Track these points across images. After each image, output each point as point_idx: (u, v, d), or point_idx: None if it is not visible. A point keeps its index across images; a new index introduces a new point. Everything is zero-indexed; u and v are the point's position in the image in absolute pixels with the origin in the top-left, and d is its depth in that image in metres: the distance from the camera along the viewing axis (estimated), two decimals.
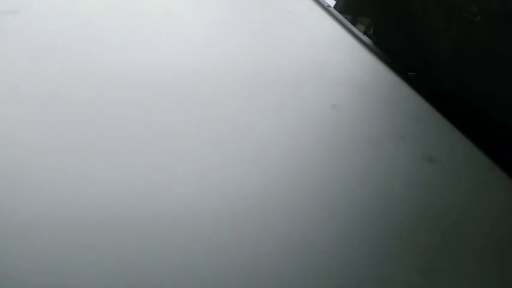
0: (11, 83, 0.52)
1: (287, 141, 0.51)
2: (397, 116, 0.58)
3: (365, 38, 0.69)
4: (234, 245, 0.41)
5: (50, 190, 0.42)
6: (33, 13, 0.63)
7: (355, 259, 0.41)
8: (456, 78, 0.62)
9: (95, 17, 0.65)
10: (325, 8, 0.74)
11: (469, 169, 0.52)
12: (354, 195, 0.47)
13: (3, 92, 0.51)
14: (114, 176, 0.45)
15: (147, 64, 0.58)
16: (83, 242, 0.39)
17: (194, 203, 0.43)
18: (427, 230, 0.45)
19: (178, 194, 0.44)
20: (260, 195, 0.45)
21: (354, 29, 0.70)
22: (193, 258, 0.39)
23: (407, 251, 0.43)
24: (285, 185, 0.47)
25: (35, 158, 0.45)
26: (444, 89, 0.62)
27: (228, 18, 0.70)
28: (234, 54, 0.62)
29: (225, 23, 0.68)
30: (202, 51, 0.62)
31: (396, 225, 0.45)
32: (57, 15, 0.64)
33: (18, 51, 0.57)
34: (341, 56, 0.66)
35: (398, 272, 0.41)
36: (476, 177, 0.51)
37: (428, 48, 0.65)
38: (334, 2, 0.82)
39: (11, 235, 0.39)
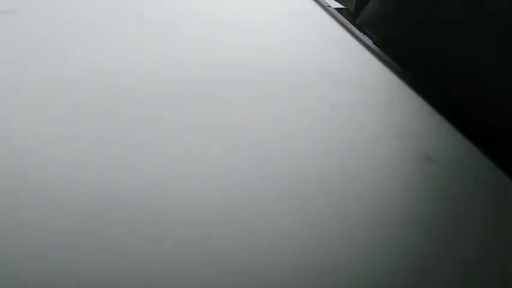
0: (11, 84, 0.52)
1: (286, 141, 0.51)
2: (397, 116, 0.58)
3: (365, 38, 0.69)
4: (234, 245, 0.41)
5: (50, 190, 0.43)
6: (33, 13, 0.63)
7: (352, 258, 0.41)
8: (456, 78, 0.62)
9: (97, 16, 0.65)
10: (325, 8, 0.74)
11: (468, 169, 0.52)
12: (352, 194, 0.47)
13: (3, 92, 0.51)
14: (116, 180, 0.45)
15: (150, 64, 0.58)
16: (83, 244, 0.39)
17: (192, 203, 0.43)
18: (425, 230, 0.45)
19: (179, 194, 0.44)
20: (257, 195, 0.45)
21: (353, 28, 0.70)
22: (192, 259, 0.39)
23: (406, 251, 0.43)
24: (283, 185, 0.47)
25: (35, 159, 0.45)
26: (444, 90, 0.62)
27: (226, 18, 0.70)
28: (232, 54, 0.62)
29: (223, 23, 0.68)
30: (200, 51, 0.62)
31: (395, 225, 0.45)
32: (58, 15, 0.64)
33: (17, 52, 0.57)
34: (341, 56, 0.66)
35: (397, 270, 0.41)
36: (475, 177, 0.51)
37: (430, 47, 0.65)
38: (335, 2, 0.81)
39: (11, 235, 0.39)
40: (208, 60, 0.60)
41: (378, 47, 0.67)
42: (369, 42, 0.68)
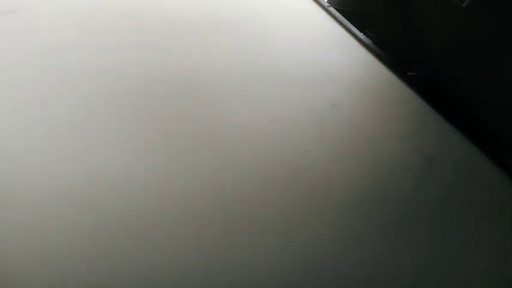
0: (10, 83, 0.52)
1: (287, 142, 0.51)
2: (397, 116, 0.58)
3: (364, 37, 0.70)
4: (232, 246, 0.41)
5: (50, 189, 0.43)
6: (31, 13, 0.63)
7: (354, 258, 0.42)
8: (455, 78, 0.62)
9: (96, 17, 0.65)
10: (325, 7, 0.74)
11: (468, 169, 0.52)
12: (353, 194, 0.47)
13: (3, 92, 0.51)
14: (114, 179, 0.45)
15: (149, 65, 0.58)
16: (79, 241, 0.39)
17: (188, 203, 0.44)
18: (426, 229, 0.45)
19: (173, 193, 0.44)
20: (258, 194, 0.45)
21: (353, 28, 0.70)
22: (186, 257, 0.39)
23: (406, 249, 0.43)
24: (284, 185, 0.47)
25: (35, 157, 0.45)
26: (444, 90, 0.62)
27: (226, 19, 0.69)
28: (234, 54, 0.62)
29: (222, 24, 0.68)
30: (202, 51, 0.62)
31: (396, 224, 0.45)
32: (56, 15, 0.64)
33: (16, 52, 0.57)
34: (341, 56, 0.66)
35: (399, 270, 0.41)
36: (475, 177, 0.52)
37: (428, 46, 0.66)
38: None
39: (11, 231, 0.39)
40: (208, 61, 0.60)
41: (378, 47, 0.68)
42: (369, 42, 0.68)
